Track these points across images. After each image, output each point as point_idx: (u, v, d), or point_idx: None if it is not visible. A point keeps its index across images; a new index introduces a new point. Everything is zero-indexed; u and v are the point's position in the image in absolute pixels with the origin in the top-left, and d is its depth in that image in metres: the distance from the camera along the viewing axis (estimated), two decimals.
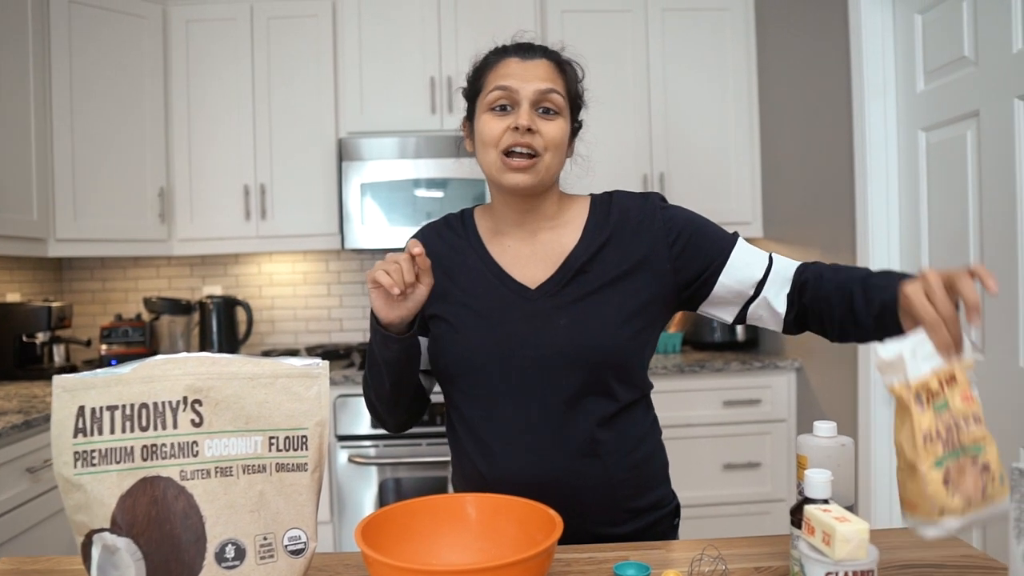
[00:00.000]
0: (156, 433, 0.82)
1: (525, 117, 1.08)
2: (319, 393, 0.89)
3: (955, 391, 0.79)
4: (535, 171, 1.11)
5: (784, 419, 2.75)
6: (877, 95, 2.18)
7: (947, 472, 0.77)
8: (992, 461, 0.78)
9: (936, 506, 0.77)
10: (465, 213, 1.28)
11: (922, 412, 0.78)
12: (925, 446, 0.77)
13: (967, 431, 0.78)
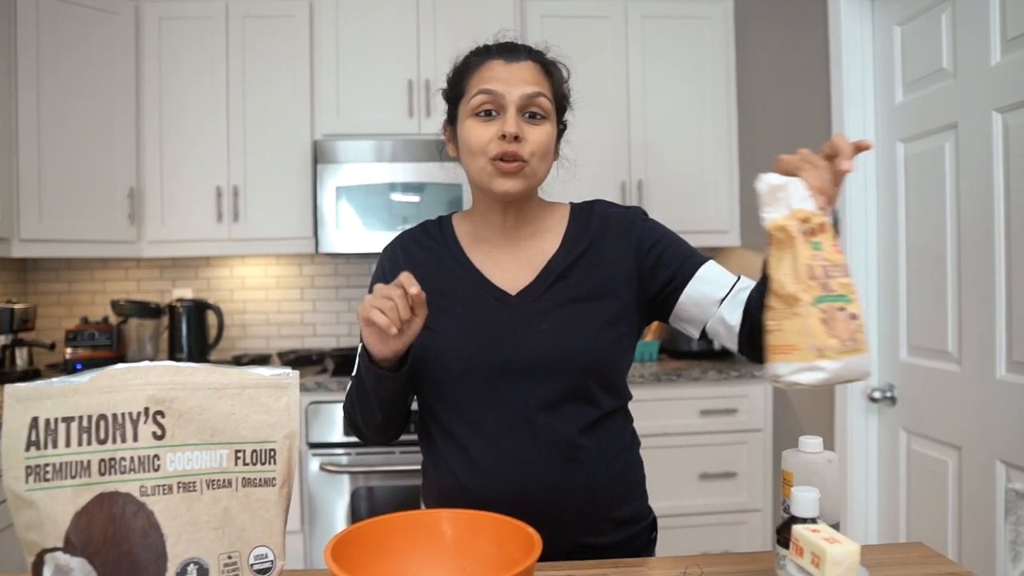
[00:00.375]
0: (115, 446, 0.78)
1: (512, 124, 1.06)
2: (288, 404, 0.85)
3: (827, 239, 0.78)
4: (523, 176, 1.09)
5: (760, 429, 2.74)
6: (856, 106, 2.18)
7: (823, 313, 0.76)
8: (858, 313, 0.77)
9: (815, 345, 0.75)
10: (443, 220, 1.25)
11: (805, 245, 0.78)
12: (807, 280, 0.76)
13: (838, 279, 0.77)
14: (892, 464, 2.12)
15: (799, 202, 0.79)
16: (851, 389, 2.20)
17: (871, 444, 2.20)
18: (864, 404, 2.20)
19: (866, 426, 2.20)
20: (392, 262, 1.22)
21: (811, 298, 0.76)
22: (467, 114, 1.11)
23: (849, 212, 2.19)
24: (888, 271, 2.14)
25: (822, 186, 0.81)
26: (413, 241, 1.23)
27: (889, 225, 2.12)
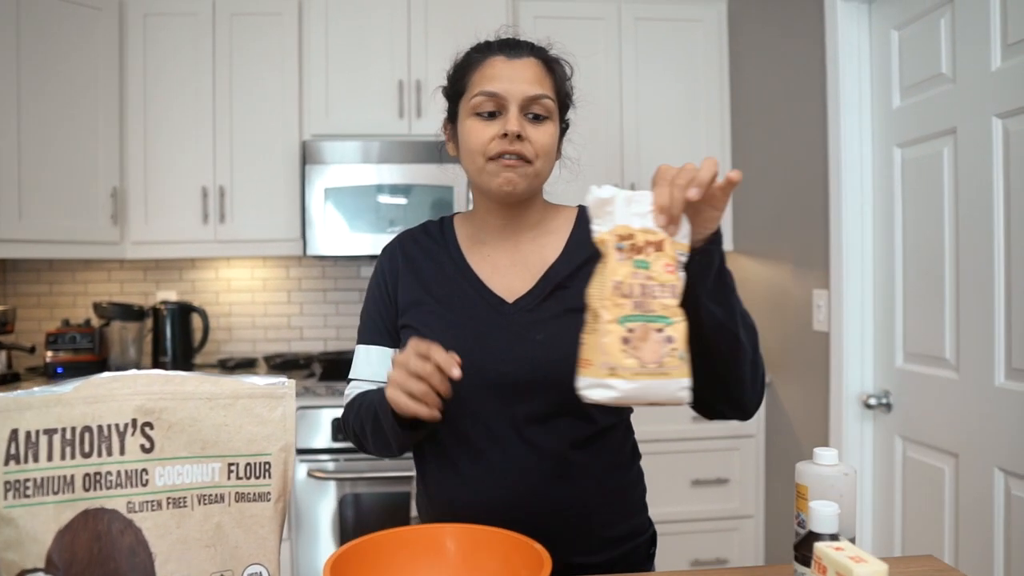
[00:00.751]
0: (100, 460, 0.74)
1: (515, 123, 1.03)
2: (284, 415, 0.81)
3: (660, 258, 0.77)
4: (525, 177, 1.05)
5: (753, 435, 2.72)
6: (852, 110, 2.17)
7: (629, 332, 0.74)
8: (679, 337, 0.75)
9: (607, 364, 0.74)
10: (444, 220, 1.22)
11: (620, 261, 0.76)
12: (613, 297, 0.75)
13: (661, 300, 0.76)
14: (887, 471, 2.10)
15: (625, 218, 0.77)
16: (846, 395, 2.19)
17: (866, 451, 2.18)
18: (859, 411, 2.18)
19: (861, 433, 2.18)
20: (391, 263, 1.19)
21: (614, 316, 0.75)
22: (467, 113, 1.07)
23: (845, 217, 2.18)
24: (884, 277, 2.12)
25: (663, 204, 0.78)
26: (413, 242, 1.20)
27: (885, 230, 2.11)
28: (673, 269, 0.77)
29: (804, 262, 2.44)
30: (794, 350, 2.52)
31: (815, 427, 2.38)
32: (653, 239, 0.77)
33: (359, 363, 1.17)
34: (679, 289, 0.77)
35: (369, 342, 1.16)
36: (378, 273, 1.20)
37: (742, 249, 2.93)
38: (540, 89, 1.05)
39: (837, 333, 2.22)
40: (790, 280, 2.54)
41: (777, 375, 2.65)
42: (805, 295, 2.43)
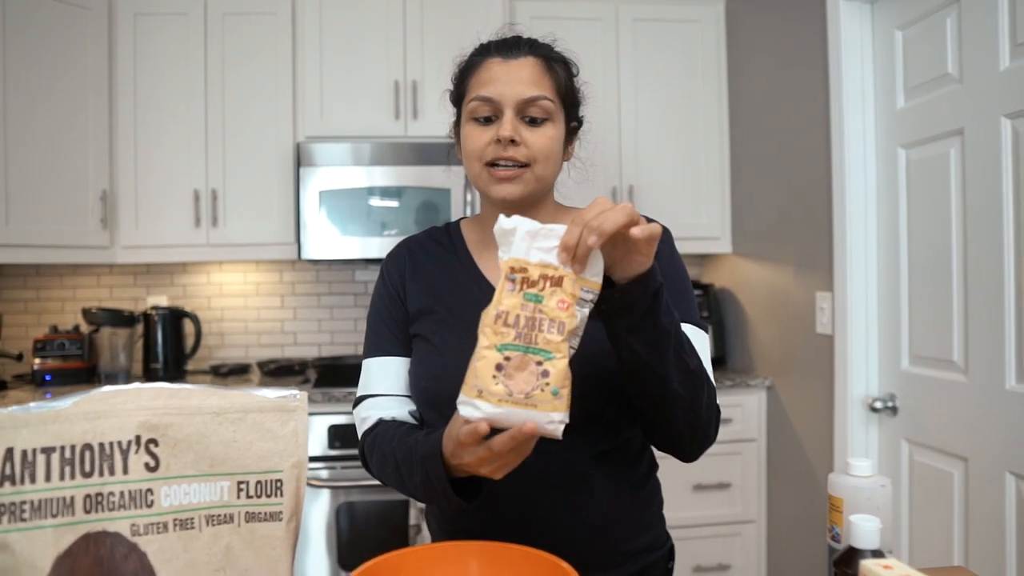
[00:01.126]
0: (102, 480, 0.69)
1: (508, 128, 0.99)
2: (296, 430, 0.77)
3: (556, 294, 0.77)
4: (523, 182, 1.02)
5: (755, 439, 2.70)
6: (856, 111, 2.15)
7: (505, 360, 0.76)
8: (555, 373, 0.76)
9: (477, 386, 0.76)
10: (450, 226, 1.18)
11: (511, 292, 0.78)
12: (495, 324, 0.77)
13: (546, 335, 0.76)
14: (893, 475, 2.08)
15: (524, 250, 0.78)
16: (851, 399, 2.16)
17: (871, 454, 2.16)
18: (864, 414, 2.16)
19: (866, 436, 2.16)
20: (399, 268, 1.14)
21: (492, 342, 0.76)
22: (466, 118, 1.05)
23: (849, 219, 2.16)
24: (889, 279, 2.10)
25: (568, 244, 0.77)
26: (420, 247, 1.16)
27: (890, 231, 2.09)
28: (568, 306, 0.77)
29: (806, 264, 2.42)
30: (796, 353, 2.49)
31: (819, 431, 2.36)
32: (552, 274, 0.78)
33: (373, 378, 1.10)
34: (571, 327, 0.77)
35: (384, 353, 1.11)
36: (385, 279, 1.15)
37: (741, 252, 2.90)
38: (537, 90, 1.01)
39: (841, 336, 2.19)
40: (792, 283, 2.52)
41: (779, 378, 2.63)
42: (808, 298, 2.41)
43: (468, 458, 0.81)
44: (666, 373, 0.89)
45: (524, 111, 1.01)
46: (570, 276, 0.77)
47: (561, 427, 0.77)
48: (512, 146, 1.00)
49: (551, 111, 1.03)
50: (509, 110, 1.00)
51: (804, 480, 2.45)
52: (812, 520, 2.41)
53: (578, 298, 0.78)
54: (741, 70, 2.86)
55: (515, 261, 0.78)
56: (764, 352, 2.74)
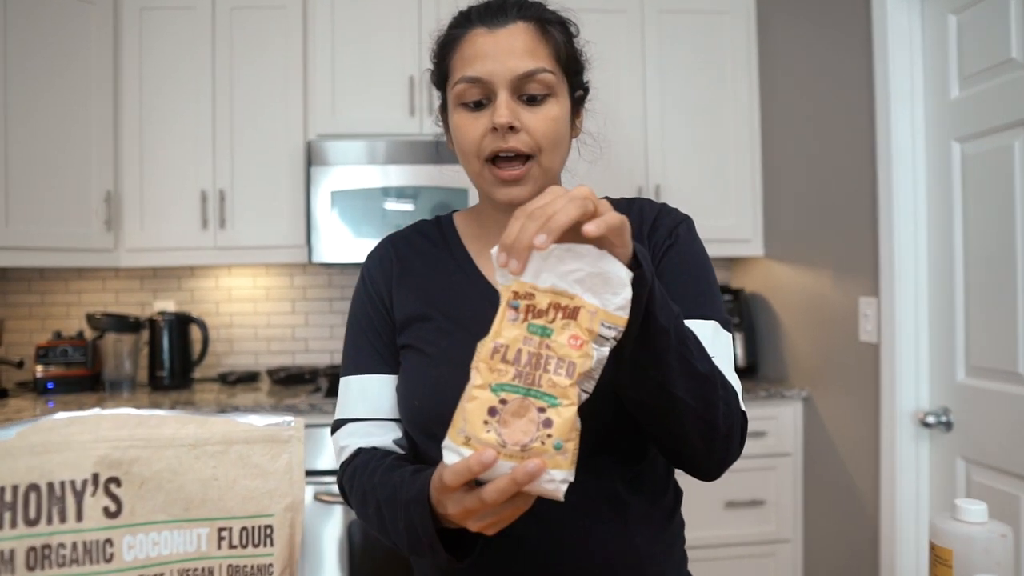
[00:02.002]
0: (51, 529, 0.57)
1: (504, 113, 0.84)
2: (290, 465, 0.64)
3: (568, 328, 0.63)
4: (531, 180, 0.87)
5: (790, 453, 2.54)
6: (904, 103, 2.00)
7: (501, 403, 0.63)
8: (559, 423, 0.62)
9: (464, 430, 0.63)
10: (442, 220, 1.02)
11: (512, 322, 0.64)
12: (491, 360, 0.64)
13: (552, 377, 0.63)
14: (947, 495, 1.92)
15: (530, 274, 0.64)
16: (899, 412, 2.01)
17: (922, 474, 2.00)
18: (914, 429, 2.00)
19: (916, 453, 2.01)
20: (382, 270, 0.98)
21: (487, 380, 0.63)
22: (454, 104, 0.89)
23: (896, 219, 2.00)
24: (941, 283, 1.95)
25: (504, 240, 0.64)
26: (407, 244, 1.00)
27: (942, 232, 1.94)
28: (582, 344, 0.63)
29: (848, 268, 2.27)
30: (836, 363, 2.34)
31: (862, 446, 2.20)
32: (565, 304, 0.64)
33: (352, 399, 0.95)
34: (583, 369, 0.63)
35: (365, 371, 0.95)
36: (367, 284, 0.99)
37: (774, 255, 2.75)
38: (533, 62, 0.85)
39: (888, 344, 2.04)
40: (831, 287, 2.37)
41: (816, 389, 2.47)
42: (849, 303, 2.25)
43: (453, 508, 0.67)
44: (666, 379, 0.74)
45: (521, 89, 0.85)
46: (588, 308, 0.64)
47: (563, 487, 0.63)
48: (511, 134, 0.85)
49: (552, 84, 0.86)
50: (503, 90, 0.85)
51: (845, 498, 2.30)
52: (853, 542, 2.25)
53: (596, 335, 0.64)
54: (774, 62, 2.72)
55: (520, 285, 0.65)
56: (800, 361, 2.58)
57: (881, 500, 2.08)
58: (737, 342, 2.78)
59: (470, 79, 0.85)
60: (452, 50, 0.90)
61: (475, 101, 0.86)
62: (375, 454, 0.90)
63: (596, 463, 0.86)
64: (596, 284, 0.64)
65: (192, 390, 2.66)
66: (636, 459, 0.89)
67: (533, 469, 0.60)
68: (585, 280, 0.64)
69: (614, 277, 0.64)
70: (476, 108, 0.87)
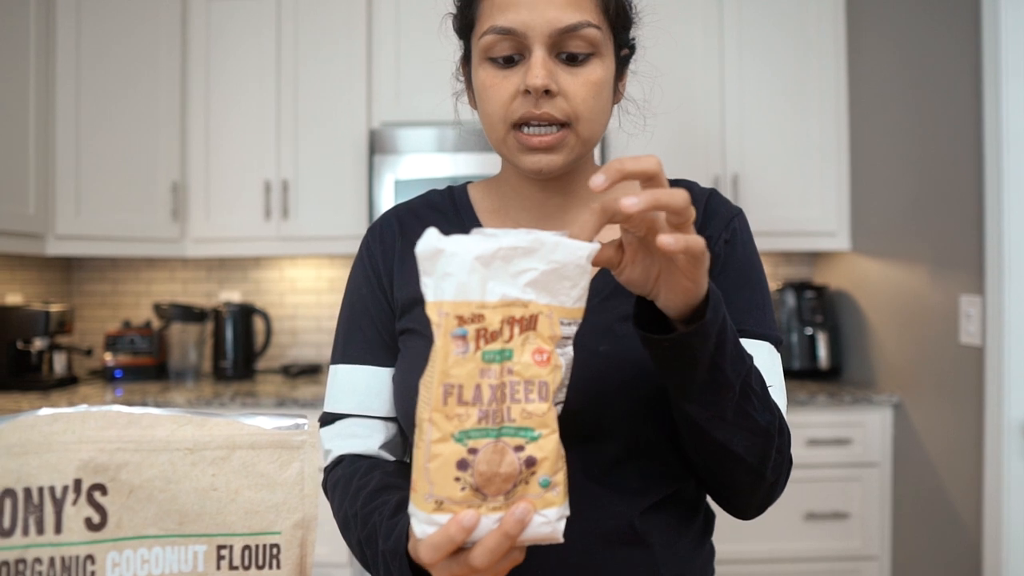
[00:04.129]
0: (26, 541, 0.49)
1: (540, 74, 0.71)
2: (301, 475, 0.55)
3: (528, 343, 0.53)
4: (565, 148, 0.74)
5: (878, 463, 2.35)
6: (1016, 79, 1.79)
7: (470, 453, 0.51)
8: (543, 457, 0.52)
9: (433, 494, 0.51)
10: (455, 190, 0.90)
11: (462, 356, 0.51)
12: (446, 405, 0.51)
13: (523, 406, 0.52)
14: None
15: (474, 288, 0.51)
16: (1005, 423, 1.81)
17: None
18: (1020, 444, 1.80)
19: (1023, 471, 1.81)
20: (383, 247, 0.87)
21: (447, 431, 0.51)
22: (479, 57, 0.76)
23: (1007, 210, 1.80)
24: None
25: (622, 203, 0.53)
26: (413, 216, 0.88)
27: None
28: (548, 357, 0.53)
29: (947, 263, 2.06)
30: (932, 366, 2.14)
31: (960, 458, 2.00)
32: (520, 314, 0.53)
33: (339, 391, 0.85)
34: (555, 385, 0.53)
35: (353, 360, 0.85)
36: (364, 261, 0.88)
37: (862, 249, 2.55)
38: (576, 14, 0.72)
39: (995, 348, 1.84)
40: (927, 284, 2.17)
41: (908, 395, 2.27)
42: (949, 302, 2.05)
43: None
44: (727, 439, 0.65)
45: (560, 46, 0.73)
46: (545, 312, 0.53)
47: (561, 525, 0.54)
48: (546, 99, 0.72)
49: (597, 42, 0.73)
50: (539, 46, 0.72)
51: (940, 515, 2.10)
52: (949, 563, 2.05)
53: (558, 339, 0.54)
54: (863, 40, 2.51)
55: (462, 306, 0.52)
56: (890, 364, 2.38)
57: (984, 519, 1.88)
58: (820, 343, 2.60)
59: (501, 30, 0.72)
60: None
61: (505, 56, 0.74)
62: (358, 468, 0.81)
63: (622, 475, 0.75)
64: (550, 281, 0.54)
65: (254, 381, 2.65)
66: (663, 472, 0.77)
67: (522, 515, 0.51)
68: (538, 280, 0.53)
69: (571, 266, 0.54)
70: (506, 64, 0.74)
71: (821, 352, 2.60)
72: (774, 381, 0.76)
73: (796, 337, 2.61)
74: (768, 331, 0.78)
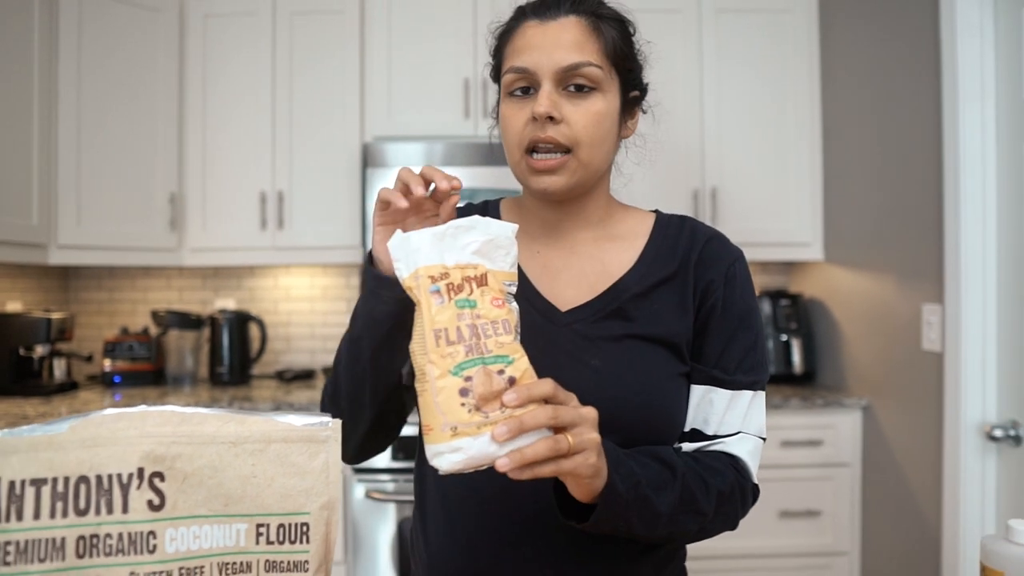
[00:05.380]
0: (99, 519, 0.59)
1: (544, 102, 0.83)
2: (327, 464, 0.65)
3: (485, 293, 0.68)
4: (566, 171, 0.86)
5: (848, 463, 2.47)
6: (973, 103, 1.92)
7: (467, 381, 0.64)
8: (520, 376, 0.66)
9: (447, 422, 0.64)
10: (490, 204, 1.01)
11: (441, 305, 0.67)
12: (438, 347, 0.65)
13: (496, 339, 0.67)
14: (1016, 513, 1.84)
15: (435, 256, 0.68)
16: (964, 425, 1.93)
17: (988, 489, 1.92)
18: (980, 443, 1.92)
19: (983, 469, 1.92)
20: None
21: (445, 368, 0.65)
22: (503, 93, 0.90)
23: (964, 223, 1.93)
24: (1011, 290, 1.86)
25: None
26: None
27: (1014, 237, 1.85)
28: (502, 302, 0.69)
29: (911, 273, 2.19)
30: (898, 372, 2.26)
31: (924, 458, 2.12)
32: (473, 274, 0.69)
33: None
34: (513, 322, 0.69)
35: None
36: None
37: (834, 259, 2.68)
38: (579, 55, 0.84)
39: (953, 354, 1.96)
40: (893, 294, 2.29)
41: (877, 399, 2.39)
42: (912, 310, 2.18)
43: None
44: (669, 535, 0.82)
45: (566, 81, 0.85)
46: (491, 272, 0.70)
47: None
48: (551, 124, 0.84)
49: (599, 79, 0.85)
50: (547, 81, 0.85)
51: (905, 512, 2.22)
52: (912, 557, 2.17)
53: (505, 293, 0.71)
54: (835, 61, 2.64)
55: (431, 268, 0.68)
56: (860, 369, 2.50)
57: (943, 515, 2.00)
58: (795, 349, 2.72)
59: (517, 69, 0.86)
60: (506, 42, 0.91)
61: (522, 88, 0.87)
62: None
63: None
64: (489, 250, 0.70)
65: (250, 386, 2.73)
66: None
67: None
68: (481, 249, 0.70)
69: (502, 238, 0.71)
70: (523, 95, 0.87)
71: (795, 357, 2.72)
72: (752, 423, 0.89)
73: (772, 343, 2.73)
74: (756, 377, 0.90)
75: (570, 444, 0.66)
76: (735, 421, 0.88)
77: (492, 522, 0.87)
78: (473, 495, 0.88)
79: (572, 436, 0.66)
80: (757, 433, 0.89)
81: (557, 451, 0.65)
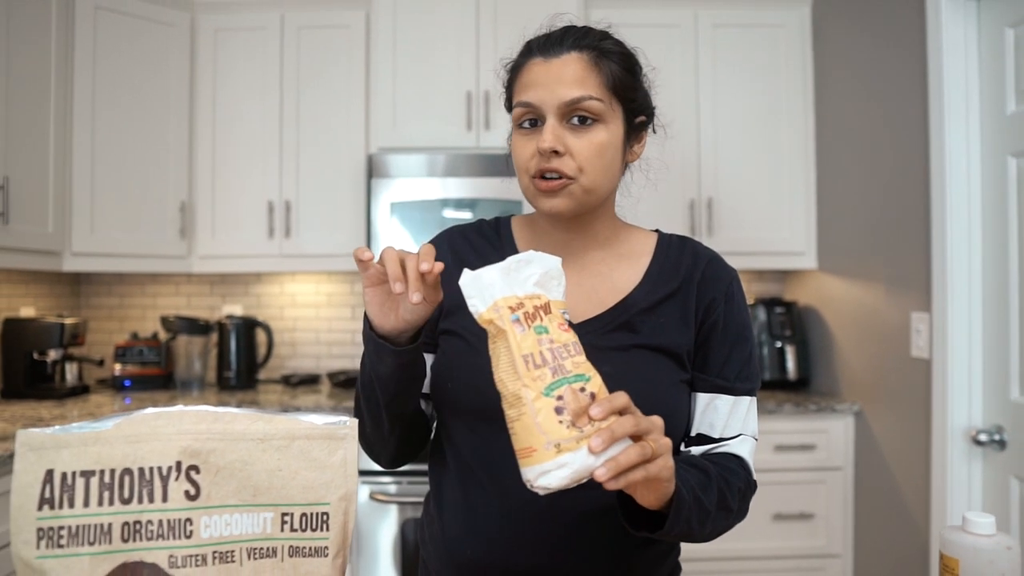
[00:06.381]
0: (141, 507, 0.65)
1: (548, 138, 0.90)
2: (345, 459, 0.71)
3: (552, 320, 0.73)
4: (568, 195, 0.92)
5: (840, 467, 2.53)
6: (959, 117, 1.99)
7: (559, 400, 0.69)
8: (597, 390, 0.71)
9: (550, 440, 0.67)
10: (500, 221, 1.08)
11: (522, 333, 0.71)
12: (529, 371, 0.70)
13: (573, 359, 0.71)
14: (1002, 517, 1.90)
15: (505, 289, 0.73)
16: (951, 429, 1.99)
17: (974, 493, 1.98)
18: (966, 447, 1.98)
19: (968, 471, 1.98)
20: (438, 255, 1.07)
21: (538, 390, 0.69)
22: (513, 124, 0.97)
23: (950, 235, 1.99)
24: (996, 299, 1.93)
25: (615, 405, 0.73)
26: (463, 238, 1.06)
27: (997, 247, 1.92)
28: (567, 327, 0.74)
29: (900, 282, 2.25)
30: (888, 378, 2.33)
31: (913, 462, 2.18)
32: (539, 303, 0.74)
33: None
34: (579, 343, 0.74)
35: None
36: None
37: (827, 268, 2.74)
38: (580, 90, 0.90)
39: (940, 360, 2.03)
40: (883, 302, 2.35)
41: (868, 404, 2.46)
42: (902, 318, 2.24)
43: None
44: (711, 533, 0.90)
45: (570, 115, 0.91)
46: (552, 302, 0.75)
47: None
48: (556, 157, 0.91)
49: (600, 112, 0.91)
50: (551, 116, 0.91)
51: (896, 515, 2.28)
52: (904, 558, 2.23)
53: (565, 319, 0.75)
54: (828, 76, 2.71)
55: (508, 300, 0.72)
56: (852, 375, 2.57)
57: (932, 518, 2.06)
58: (789, 355, 2.78)
59: (524, 104, 0.93)
60: (515, 77, 0.98)
61: (530, 121, 0.94)
62: None
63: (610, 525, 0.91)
64: (545, 281, 0.75)
65: (257, 391, 2.80)
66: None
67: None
68: (540, 280, 0.74)
69: (554, 271, 0.76)
70: (531, 128, 0.94)
71: (790, 364, 2.78)
72: (749, 426, 0.98)
73: (767, 350, 2.80)
74: (753, 384, 0.99)
75: (653, 449, 0.71)
76: (737, 424, 0.96)
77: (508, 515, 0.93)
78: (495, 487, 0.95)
79: (652, 442, 0.71)
80: (753, 434, 0.99)
81: (644, 456, 0.69)
